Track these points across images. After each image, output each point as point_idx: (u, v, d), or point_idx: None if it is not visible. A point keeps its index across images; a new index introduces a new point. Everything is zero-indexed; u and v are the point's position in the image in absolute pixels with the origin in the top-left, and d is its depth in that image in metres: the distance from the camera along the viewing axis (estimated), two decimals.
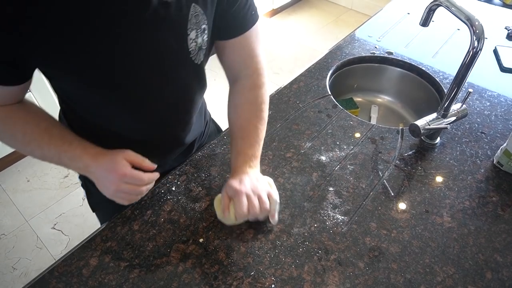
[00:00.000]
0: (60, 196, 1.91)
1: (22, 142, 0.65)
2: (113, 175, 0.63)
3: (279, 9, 3.43)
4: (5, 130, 0.65)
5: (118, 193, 0.65)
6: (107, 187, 0.65)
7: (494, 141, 0.90)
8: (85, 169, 0.66)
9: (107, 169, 0.64)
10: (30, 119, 0.65)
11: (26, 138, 0.65)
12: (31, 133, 0.65)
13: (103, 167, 0.64)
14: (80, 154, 0.65)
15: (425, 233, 0.71)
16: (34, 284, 0.65)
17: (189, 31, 0.63)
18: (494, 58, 1.19)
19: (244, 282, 0.64)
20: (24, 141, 0.65)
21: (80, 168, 0.66)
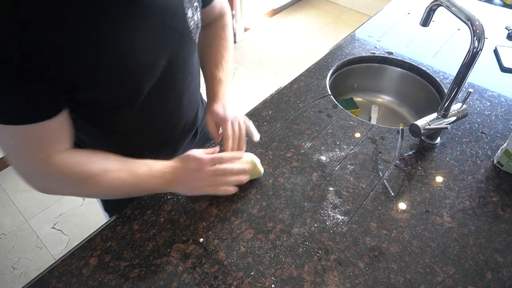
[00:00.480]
0: (60, 196, 1.91)
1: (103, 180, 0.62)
2: (196, 164, 0.67)
3: (279, 9, 3.43)
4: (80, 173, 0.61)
5: (210, 178, 0.67)
6: (198, 179, 0.67)
7: (494, 141, 0.90)
8: (170, 180, 0.66)
9: (189, 164, 0.67)
10: (97, 155, 0.64)
11: (107, 173, 0.62)
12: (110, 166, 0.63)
13: (185, 166, 0.67)
14: (161, 169, 0.66)
15: (425, 233, 0.71)
16: (34, 284, 0.65)
17: (186, 9, 0.64)
18: (495, 58, 1.19)
19: (244, 282, 0.64)
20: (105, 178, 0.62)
21: (164, 182, 0.66)
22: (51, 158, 0.58)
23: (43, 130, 0.55)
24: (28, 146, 0.56)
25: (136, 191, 0.67)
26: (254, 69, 2.79)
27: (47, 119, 0.54)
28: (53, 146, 0.58)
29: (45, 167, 0.58)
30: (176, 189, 0.69)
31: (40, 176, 0.61)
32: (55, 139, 0.58)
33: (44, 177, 0.61)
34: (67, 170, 0.60)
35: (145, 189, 0.67)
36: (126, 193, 0.67)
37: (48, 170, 0.59)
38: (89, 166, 0.62)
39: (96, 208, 1.85)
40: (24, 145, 0.56)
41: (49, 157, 0.58)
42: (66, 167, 0.60)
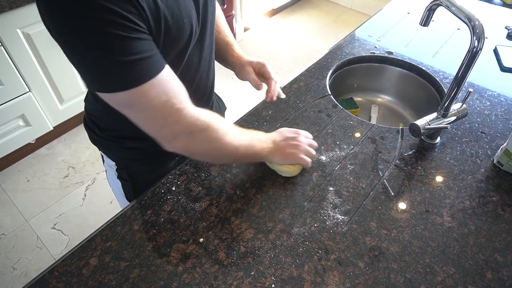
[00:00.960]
0: (60, 196, 1.91)
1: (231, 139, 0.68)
2: (294, 133, 0.81)
3: (279, 9, 3.43)
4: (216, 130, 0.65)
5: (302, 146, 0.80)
6: (296, 146, 0.79)
7: (494, 141, 0.90)
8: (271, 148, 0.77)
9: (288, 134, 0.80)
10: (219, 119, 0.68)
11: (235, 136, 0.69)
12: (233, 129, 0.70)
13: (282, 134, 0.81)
14: (263, 136, 0.78)
15: (425, 233, 0.71)
16: (34, 284, 0.65)
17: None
18: (494, 58, 1.19)
19: (244, 282, 0.64)
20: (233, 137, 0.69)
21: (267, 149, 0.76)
22: (187, 108, 0.61)
23: (172, 76, 0.59)
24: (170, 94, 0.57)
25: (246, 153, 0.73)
26: None
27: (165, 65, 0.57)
28: (185, 94, 0.61)
29: (184, 118, 0.60)
30: (274, 156, 0.78)
31: (181, 130, 0.62)
32: (182, 86, 0.61)
33: (185, 132, 0.62)
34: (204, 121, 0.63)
35: (252, 152, 0.74)
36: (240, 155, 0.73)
37: (191, 119, 0.61)
38: (219, 123, 0.66)
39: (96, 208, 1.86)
40: (168, 95, 0.57)
41: (188, 105, 0.61)
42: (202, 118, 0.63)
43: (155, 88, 0.55)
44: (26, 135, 1.90)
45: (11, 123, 1.80)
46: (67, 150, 2.13)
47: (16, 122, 1.82)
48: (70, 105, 2.00)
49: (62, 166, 2.05)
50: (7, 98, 1.71)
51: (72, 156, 2.10)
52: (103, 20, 0.48)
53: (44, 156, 2.10)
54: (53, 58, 1.79)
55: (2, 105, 1.71)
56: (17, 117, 1.81)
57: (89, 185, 1.97)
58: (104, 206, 1.87)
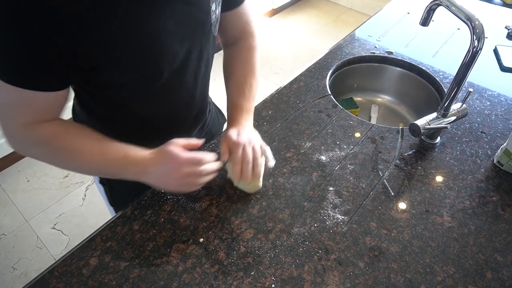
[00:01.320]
0: (60, 196, 1.91)
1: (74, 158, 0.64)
2: (174, 163, 0.64)
3: (279, 9, 3.43)
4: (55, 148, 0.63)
5: (184, 179, 0.65)
6: (172, 178, 0.65)
7: (494, 141, 0.90)
8: (142, 172, 0.65)
9: (166, 161, 0.64)
10: (78, 132, 0.65)
11: (79, 152, 0.64)
12: (84, 146, 0.64)
13: (161, 162, 0.65)
14: (135, 159, 0.65)
15: (425, 233, 0.71)
16: (34, 284, 0.65)
17: (211, 3, 0.66)
18: (494, 58, 1.19)
19: (244, 282, 0.64)
20: (76, 156, 0.64)
21: (136, 172, 0.66)
22: (35, 125, 0.60)
23: (39, 99, 0.57)
24: (18, 108, 0.57)
25: (107, 174, 0.69)
26: None
27: (47, 91, 0.56)
28: (42, 116, 0.60)
29: (26, 132, 0.60)
30: (147, 180, 0.67)
31: (19, 139, 0.62)
32: (46, 111, 0.60)
33: (27, 141, 0.62)
34: (49, 139, 0.62)
35: (117, 174, 0.67)
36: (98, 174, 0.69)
37: (27, 135, 0.61)
38: (69, 142, 0.63)
39: (96, 208, 1.86)
40: (15, 106, 0.57)
41: (34, 123, 0.60)
42: (48, 136, 0.61)
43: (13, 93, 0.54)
44: None
45: None
46: None
47: None
48: (70, 105, 2.00)
49: None
50: None
51: None
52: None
53: None
54: None
55: None
56: None
57: (89, 185, 1.97)
58: (104, 206, 1.86)
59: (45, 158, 0.66)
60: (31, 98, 0.56)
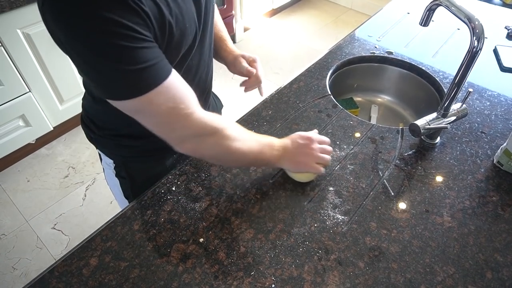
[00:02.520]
0: (60, 196, 1.91)
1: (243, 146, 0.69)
2: (307, 141, 0.77)
3: (279, 9, 3.43)
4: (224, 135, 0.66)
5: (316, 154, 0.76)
6: (306, 154, 0.76)
7: (494, 141, 0.90)
8: (284, 153, 0.75)
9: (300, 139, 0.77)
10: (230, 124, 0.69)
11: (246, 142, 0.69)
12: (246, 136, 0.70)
13: (296, 141, 0.77)
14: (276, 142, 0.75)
15: (425, 233, 0.71)
16: (34, 284, 0.65)
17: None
18: (494, 58, 1.19)
19: (244, 282, 0.64)
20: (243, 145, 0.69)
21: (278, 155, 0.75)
22: (196, 112, 0.61)
23: (179, 81, 0.59)
24: (177, 100, 0.58)
25: (256, 159, 0.73)
26: None
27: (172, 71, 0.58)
28: (193, 98, 0.62)
29: (193, 122, 0.61)
30: (285, 163, 0.77)
31: (191, 134, 0.63)
32: (190, 90, 0.61)
33: (194, 135, 0.64)
34: (214, 125, 0.64)
35: (263, 158, 0.73)
36: (249, 160, 0.73)
37: (199, 123, 0.62)
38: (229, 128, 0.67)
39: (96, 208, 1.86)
40: (175, 101, 0.58)
41: (196, 110, 0.61)
42: (210, 121, 0.64)
43: (162, 94, 0.56)
44: (26, 135, 1.90)
45: (11, 123, 1.80)
46: (67, 150, 2.13)
47: (16, 122, 1.82)
48: (70, 105, 2.00)
49: (62, 166, 2.05)
50: (7, 98, 1.71)
51: (72, 156, 2.10)
52: (111, 33, 0.49)
53: (44, 156, 2.10)
54: (53, 58, 1.79)
55: (2, 105, 1.71)
56: (17, 117, 1.81)
57: (89, 185, 1.97)
58: (104, 206, 1.87)
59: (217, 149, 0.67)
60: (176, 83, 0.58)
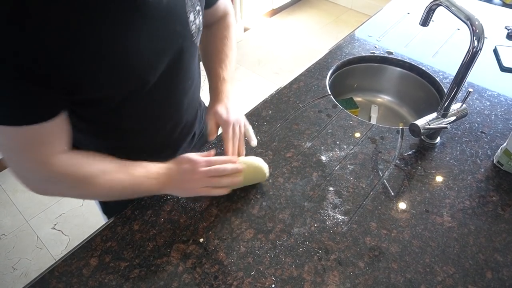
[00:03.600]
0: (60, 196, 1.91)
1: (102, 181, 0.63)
2: (192, 164, 0.67)
3: (279, 9, 3.43)
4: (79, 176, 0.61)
5: (206, 179, 0.68)
6: (193, 180, 0.67)
7: (494, 141, 0.90)
8: (166, 181, 0.67)
9: (184, 164, 0.68)
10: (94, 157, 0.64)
11: (105, 174, 0.63)
12: (108, 168, 0.64)
13: (180, 167, 0.68)
14: (157, 171, 0.67)
15: (425, 233, 0.71)
16: (34, 284, 0.65)
17: (188, 13, 0.64)
18: (494, 58, 1.19)
19: (244, 282, 0.64)
20: (104, 179, 0.63)
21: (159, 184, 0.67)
22: (50, 160, 0.58)
23: (42, 132, 0.55)
24: (27, 147, 0.55)
25: (132, 192, 0.67)
26: (254, 69, 2.79)
27: (46, 120, 0.54)
28: (52, 148, 0.58)
29: (44, 169, 0.58)
30: (171, 191, 0.70)
31: (39, 178, 0.60)
32: (54, 141, 0.58)
33: (43, 179, 0.60)
34: (66, 172, 0.60)
35: (142, 190, 0.67)
36: (123, 195, 0.67)
37: (47, 172, 0.59)
38: (88, 168, 0.62)
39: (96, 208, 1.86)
40: (24, 147, 0.55)
41: (48, 158, 0.58)
42: (65, 169, 0.59)
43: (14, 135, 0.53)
44: None
45: None
46: None
47: None
48: None
49: None
50: None
51: None
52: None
53: None
54: None
55: None
56: None
57: None
58: None
59: (69, 191, 0.65)
60: (34, 133, 0.54)
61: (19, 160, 0.58)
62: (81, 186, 0.62)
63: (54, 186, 0.62)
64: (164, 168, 0.68)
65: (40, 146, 0.56)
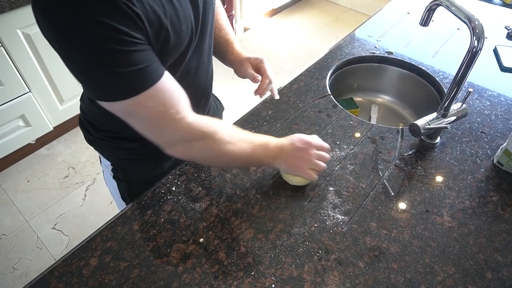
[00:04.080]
0: (60, 196, 1.91)
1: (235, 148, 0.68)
2: (306, 145, 0.75)
3: (279, 9, 3.43)
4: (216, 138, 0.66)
5: (312, 160, 0.75)
6: (303, 159, 0.74)
7: (494, 141, 0.90)
8: (280, 154, 0.74)
9: (299, 143, 0.75)
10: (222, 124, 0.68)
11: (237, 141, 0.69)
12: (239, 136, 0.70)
13: (296, 144, 0.75)
14: (275, 143, 0.74)
15: (425, 233, 0.71)
16: (34, 284, 0.65)
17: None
18: (494, 58, 1.19)
19: (244, 282, 0.64)
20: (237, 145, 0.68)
21: (275, 156, 0.74)
22: (189, 116, 0.62)
23: (172, 84, 0.59)
24: (168, 104, 0.58)
25: (248, 161, 0.74)
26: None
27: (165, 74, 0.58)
28: (185, 102, 0.61)
29: (186, 127, 0.61)
30: (280, 164, 0.76)
31: (182, 137, 0.63)
32: (182, 94, 0.61)
33: (186, 137, 0.64)
34: (205, 130, 0.64)
35: (256, 160, 0.74)
36: (241, 162, 0.74)
37: (189, 129, 0.62)
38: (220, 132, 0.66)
39: (96, 208, 1.86)
40: (166, 105, 0.58)
41: (187, 115, 0.61)
42: (203, 127, 0.64)
43: (153, 98, 0.56)
44: (26, 135, 1.90)
45: (11, 123, 1.80)
46: (67, 151, 2.13)
47: (16, 123, 1.82)
48: (70, 105, 2.00)
49: (62, 166, 2.05)
50: (7, 98, 1.71)
51: (72, 157, 2.10)
52: (102, 36, 0.49)
53: (44, 156, 2.10)
54: (53, 59, 1.79)
55: (2, 105, 1.71)
56: (17, 118, 1.81)
57: (89, 185, 1.97)
58: (104, 206, 1.87)
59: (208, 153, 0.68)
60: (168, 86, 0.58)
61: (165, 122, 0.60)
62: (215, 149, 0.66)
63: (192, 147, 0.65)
64: (280, 142, 0.75)
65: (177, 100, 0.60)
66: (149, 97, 0.56)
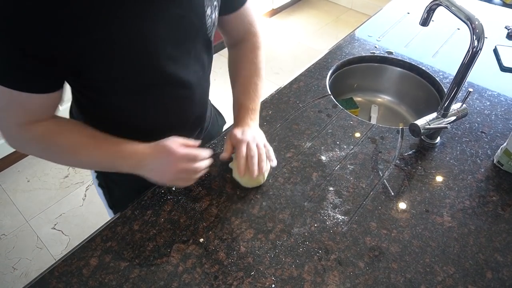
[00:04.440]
0: (60, 196, 1.91)
1: (71, 153, 0.66)
2: (171, 157, 0.65)
3: (279, 9, 3.43)
4: (50, 145, 0.65)
5: (179, 174, 0.66)
6: (167, 172, 0.66)
7: (494, 141, 0.90)
8: (138, 165, 0.66)
9: (162, 155, 0.65)
10: (72, 129, 0.67)
11: (75, 148, 0.65)
12: (79, 142, 0.66)
13: (158, 155, 0.66)
14: (131, 151, 0.66)
15: (425, 233, 0.71)
16: (34, 284, 0.65)
17: (206, 7, 0.65)
18: (494, 58, 1.19)
19: (244, 282, 0.64)
20: (73, 152, 0.66)
21: (132, 165, 0.67)
22: (30, 125, 0.61)
23: (32, 101, 0.58)
24: (11, 109, 0.59)
25: (105, 167, 0.70)
26: None
27: (40, 93, 0.58)
28: (36, 116, 0.62)
29: (20, 131, 0.62)
30: (142, 173, 0.68)
31: (15, 137, 0.64)
32: (39, 111, 0.61)
33: (18, 139, 0.64)
34: (40, 138, 0.63)
35: (113, 167, 0.68)
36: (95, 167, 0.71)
37: (23, 134, 0.62)
38: (62, 138, 0.65)
39: (96, 208, 1.86)
40: (8, 107, 0.58)
41: (28, 123, 0.61)
42: (40, 135, 0.63)
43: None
44: None
45: None
46: None
47: None
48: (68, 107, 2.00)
49: (62, 166, 2.05)
50: None
51: None
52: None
53: None
54: None
55: None
56: None
57: (89, 185, 1.97)
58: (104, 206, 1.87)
59: (43, 155, 0.67)
60: (24, 100, 0.57)
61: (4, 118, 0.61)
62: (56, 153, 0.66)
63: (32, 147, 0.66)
64: (141, 151, 0.66)
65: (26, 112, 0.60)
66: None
